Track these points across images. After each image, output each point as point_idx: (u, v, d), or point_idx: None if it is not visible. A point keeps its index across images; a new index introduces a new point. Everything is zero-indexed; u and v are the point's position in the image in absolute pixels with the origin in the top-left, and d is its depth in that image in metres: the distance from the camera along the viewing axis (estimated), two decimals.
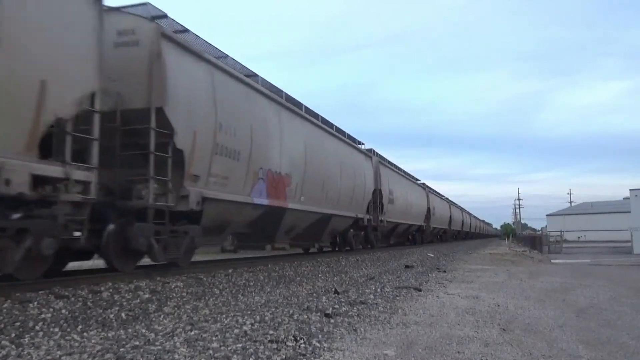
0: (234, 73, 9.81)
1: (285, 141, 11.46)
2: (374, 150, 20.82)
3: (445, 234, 40.45)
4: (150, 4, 8.15)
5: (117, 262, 7.38)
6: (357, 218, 17.02)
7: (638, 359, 3.92)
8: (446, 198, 44.30)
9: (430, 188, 34.51)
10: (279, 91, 12.25)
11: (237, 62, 10.51)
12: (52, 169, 5.81)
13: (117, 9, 7.72)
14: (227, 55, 10.09)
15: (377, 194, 19.48)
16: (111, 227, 7.13)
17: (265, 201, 10.51)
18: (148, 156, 7.38)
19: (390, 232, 23.84)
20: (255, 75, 11.18)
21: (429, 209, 31.38)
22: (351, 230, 17.37)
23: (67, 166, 5.98)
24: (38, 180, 5.62)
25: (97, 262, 8.32)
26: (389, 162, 23.73)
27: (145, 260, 8.28)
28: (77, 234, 6.36)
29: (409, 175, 28.66)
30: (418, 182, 31.75)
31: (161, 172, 7.57)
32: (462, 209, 54.70)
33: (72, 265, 8.30)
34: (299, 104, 13.32)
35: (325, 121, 15.19)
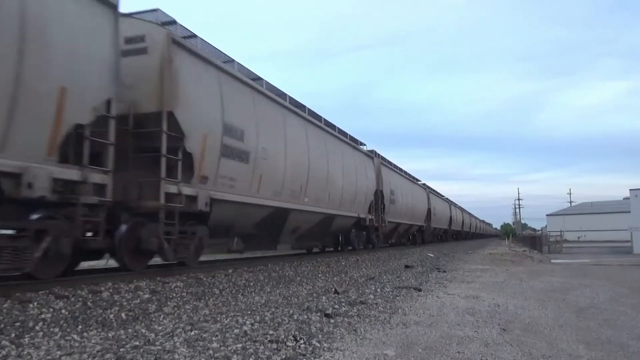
0: (240, 77, 10.02)
1: (289, 143, 11.69)
2: (375, 152, 21.06)
3: (446, 234, 40.55)
4: (161, 10, 8.35)
5: (130, 262, 7.54)
6: (359, 218, 17.19)
7: (638, 359, 3.92)
8: (446, 198, 44.36)
9: (430, 188, 34.63)
10: (282, 94, 12.37)
11: (243, 66, 10.70)
12: (71, 173, 6.10)
13: (129, 15, 7.89)
14: (234, 60, 10.30)
15: (378, 194, 19.69)
16: (123, 227, 7.33)
17: (270, 202, 10.75)
18: (160, 159, 7.57)
19: (391, 232, 23.98)
20: (260, 78, 11.32)
21: (429, 210, 31.51)
22: (353, 230, 17.55)
23: (84, 169, 6.27)
24: (58, 183, 5.89)
25: (110, 262, 8.41)
26: (390, 163, 23.96)
27: (155, 260, 8.45)
28: (89, 234, 6.54)
29: (410, 175, 28.85)
30: (419, 182, 31.89)
31: (171, 175, 7.82)
32: (462, 209, 54.71)
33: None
34: (302, 106, 13.50)
35: (328, 123, 15.37)
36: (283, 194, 11.40)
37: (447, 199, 44.69)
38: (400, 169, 26.42)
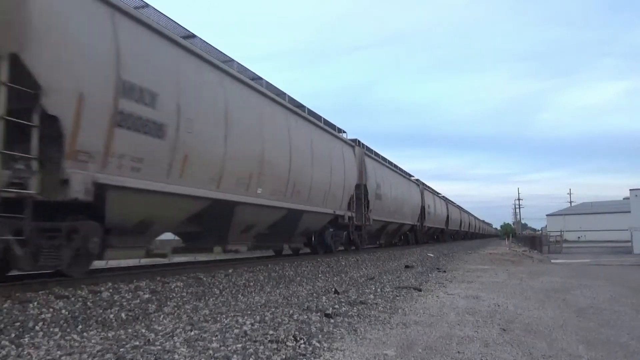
0: (154, 25, 7.57)
1: (233, 119, 9.27)
2: (358, 141, 18.48)
3: (443, 234, 38.94)
4: None
5: None
6: (335, 215, 14.80)
7: (638, 359, 3.92)
8: (443, 196, 42.61)
9: (425, 185, 32.25)
10: (229, 60, 10.14)
11: (170, 18, 8.45)
12: None
13: None
14: (148, 5, 7.99)
15: (361, 188, 17.34)
16: None
17: (203, 192, 8.40)
18: None
19: (378, 232, 21.89)
20: (193, 36, 9.06)
21: (423, 207, 29.19)
22: (330, 229, 15.42)
23: None
24: None
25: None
26: (377, 155, 21.31)
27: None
28: None
29: (400, 170, 26.05)
30: (411, 178, 29.20)
31: (21, 148, 5.45)
32: (460, 208, 54.08)
33: None
34: (258, 78, 11.20)
35: (294, 102, 13.03)
36: (224, 182, 8.96)
37: (443, 196, 42.81)
38: (390, 162, 23.73)
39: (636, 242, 25.35)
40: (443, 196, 42.77)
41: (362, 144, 18.97)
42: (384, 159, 22.71)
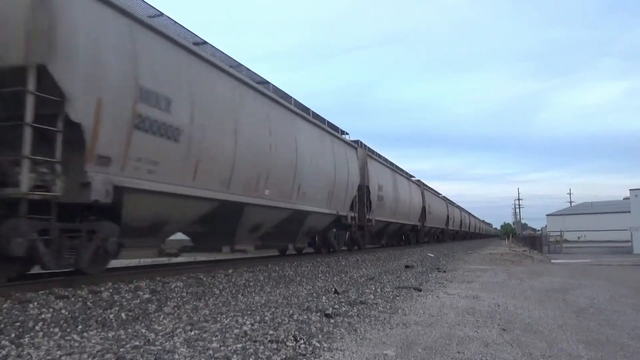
0: (168, 34, 7.81)
1: (243, 124, 9.58)
2: (360, 142, 18.81)
3: (443, 233, 39.26)
4: None
5: None
6: (338, 216, 15.24)
7: (638, 359, 3.92)
8: (443, 196, 42.91)
9: (426, 185, 32.68)
10: (238, 65, 10.39)
11: (185, 28, 8.85)
12: None
13: None
14: (162, 14, 8.30)
15: (364, 189, 17.75)
16: None
17: (213, 194, 8.68)
18: (22, 129, 5.49)
19: (380, 232, 22.18)
20: (204, 42, 9.32)
21: (424, 208, 29.57)
22: (333, 230, 15.81)
23: None
24: None
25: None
26: (379, 156, 21.74)
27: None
28: None
29: (402, 170, 26.47)
30: (412, 178, 29.53)
31: (47, 153, 5.76)
32: (460, 208, 54.20)
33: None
34: (265, 82, 11.57)
35: (298, 104, 13.17)
36: (233, 184, 9.30)
37: (444, 197, 43.16)
38: (391, 163, 24.03)
39: (636, 242, 25.36)
40: (443, 196, 42.97)
41: (365, 145, 19.24)
42: (386, 160, 22.94)
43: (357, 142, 18.32)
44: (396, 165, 25.20)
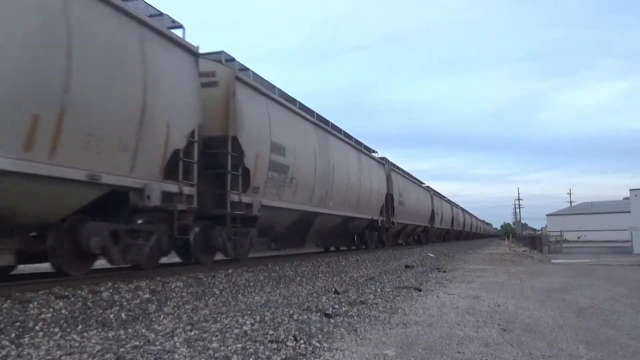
0: (281, 101, 11.66)
1: (318, 155, 13.31)
2: (386, 159, 23.06)
3: (448, 234, 41.65)
4: (224, 52, 9.90)
5: (201, 257, 9.08)
6: (372, 220, 18.78)
7: (638, 359, 3.92)
8: (448, 200, 45.55)
9: (434, 191, 35.77)
10: (310, 111, 13.99)
11: (282, 91, 12.22)
12: (172, 187, 7.68)
13: (202, 56, 9.04)
14: (275, 86, 11.87)
15: (389, 197, 21.32)
16: (197, 229, 8.74)
17: (303, 207, 12.44)
18: (225, 174, 9.16)
19: (399, 233, 25.41)
20: (294, 100, 12.92)
21: (433, 211, 32.58)
22: (366, 230, 19.22)
23: (180, 183, 7.85)
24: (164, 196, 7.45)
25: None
26: (399, 168, 25.67)
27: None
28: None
29: (415, 179, 30.21)
30: (423, 185, 33.11)
31: (234, 187, 9.35)
32: (463, 210, 55.12)
33: None
34: (325, 121, 15.23)
35: (346, 134, 17.24)
36: (313, 200, 12.95)
37: (449, 200, 45.95)
38: (407, 173, 27.85)
39: (636, 242, 25.36)
40: (448, 200, 45.92)
41: (389, 161, 23.44)
42: (404, 171, 26.98)
43: (383, 158, 22.49)
44: (410, 174, 28.89)
